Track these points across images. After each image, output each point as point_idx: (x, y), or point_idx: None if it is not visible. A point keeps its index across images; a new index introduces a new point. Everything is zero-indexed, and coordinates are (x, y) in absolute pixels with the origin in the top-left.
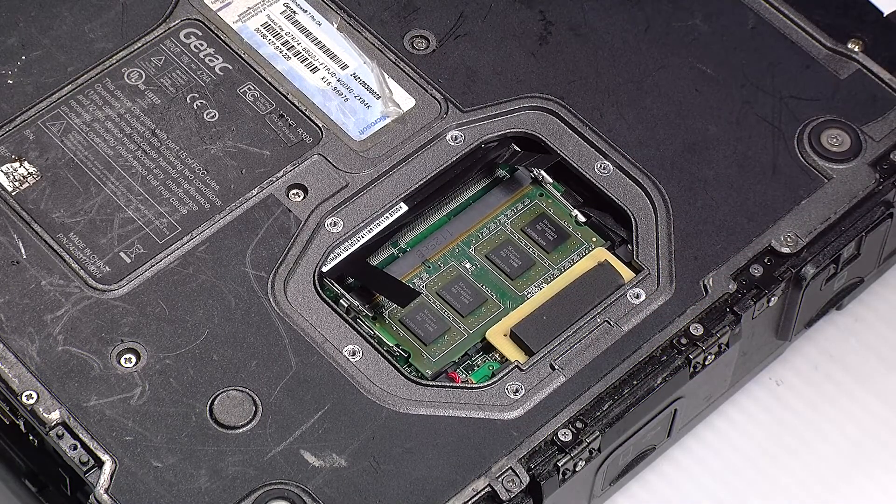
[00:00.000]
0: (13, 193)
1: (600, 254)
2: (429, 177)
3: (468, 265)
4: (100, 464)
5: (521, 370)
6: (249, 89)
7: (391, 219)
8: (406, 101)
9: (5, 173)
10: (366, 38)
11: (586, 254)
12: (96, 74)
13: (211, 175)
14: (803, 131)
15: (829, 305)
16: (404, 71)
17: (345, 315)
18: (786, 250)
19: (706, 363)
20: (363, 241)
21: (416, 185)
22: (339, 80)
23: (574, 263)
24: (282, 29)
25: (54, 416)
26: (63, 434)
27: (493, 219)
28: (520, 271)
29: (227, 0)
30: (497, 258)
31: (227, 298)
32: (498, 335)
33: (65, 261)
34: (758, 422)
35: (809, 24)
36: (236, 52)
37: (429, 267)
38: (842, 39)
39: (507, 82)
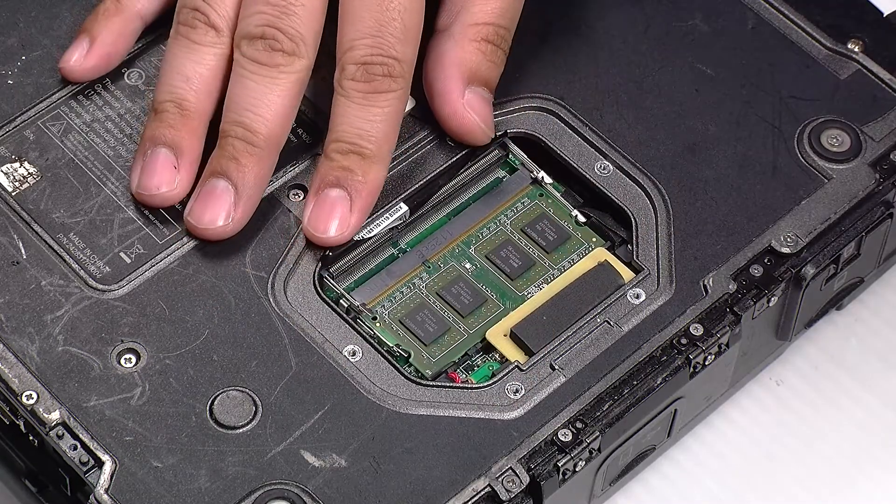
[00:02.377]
0: (13, 193)
1: (600, 254)
2: (428, 177)
3: (468, 265)
4: (100, 464)
5: (521, 370)
6: None
7: (391, 219)
8: (407, 103)
9: (5, 173)
10: None
11: (586, 254)
12: None
13: None
14: (803, 131)
15: (829, 305)
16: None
17: (345, 315)
18: (786, 250)
19: (706, 363)
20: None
21: (416, 186)
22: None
23: (574, 263)
24: None
25: (54, 416)
26: (63, 434)
27: (493, 219)
28: (520, 271)
29: None
30: (497, 258)
31: (227, 298)
32: (498, 335)
33: (65, 261)
34: (758, 422)
35: (809, 24)
36: None
37: (429, 267)
38: (842, 39)
39: (507, 82)
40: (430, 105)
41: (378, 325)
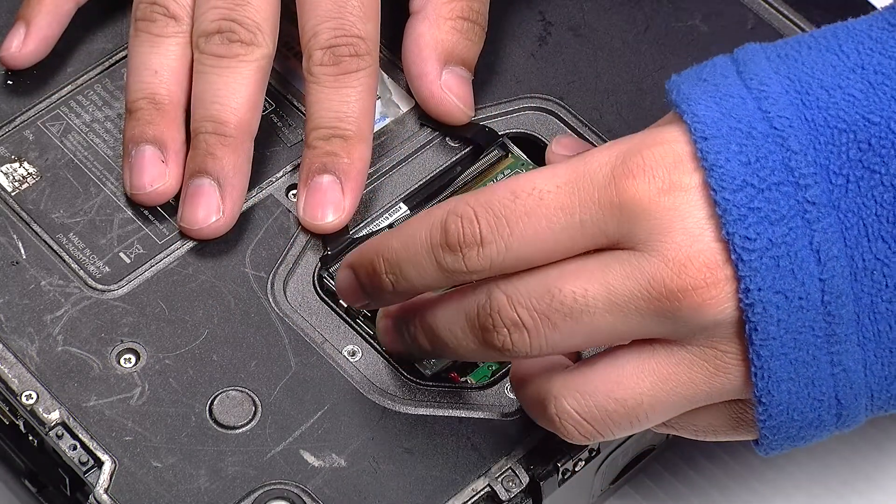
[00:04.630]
0: (13, 193)
1: None
2: (428, 177)
3: None
4: (99, 464)
5: None
6: None
7: (391, 219)
8: (405, 102)
9: (5, 173)
10: None
11: None
12: (96, 74)
13: None
14: None
15: None
16: (404, 72)
17: (345, 315)
18: None
19: None
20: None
21: (416, 186)
22: None
23: None
24: (281, 29)
25: (54, 416)
26: (63, 434)
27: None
28: None
29: None
30: None
31: (227, 298)
32: None
33: (64, 261)
34: None
35: (809, 25)
36: None
37: None
38: None
39: (506, 82)
40: (410, 88)
41: None
